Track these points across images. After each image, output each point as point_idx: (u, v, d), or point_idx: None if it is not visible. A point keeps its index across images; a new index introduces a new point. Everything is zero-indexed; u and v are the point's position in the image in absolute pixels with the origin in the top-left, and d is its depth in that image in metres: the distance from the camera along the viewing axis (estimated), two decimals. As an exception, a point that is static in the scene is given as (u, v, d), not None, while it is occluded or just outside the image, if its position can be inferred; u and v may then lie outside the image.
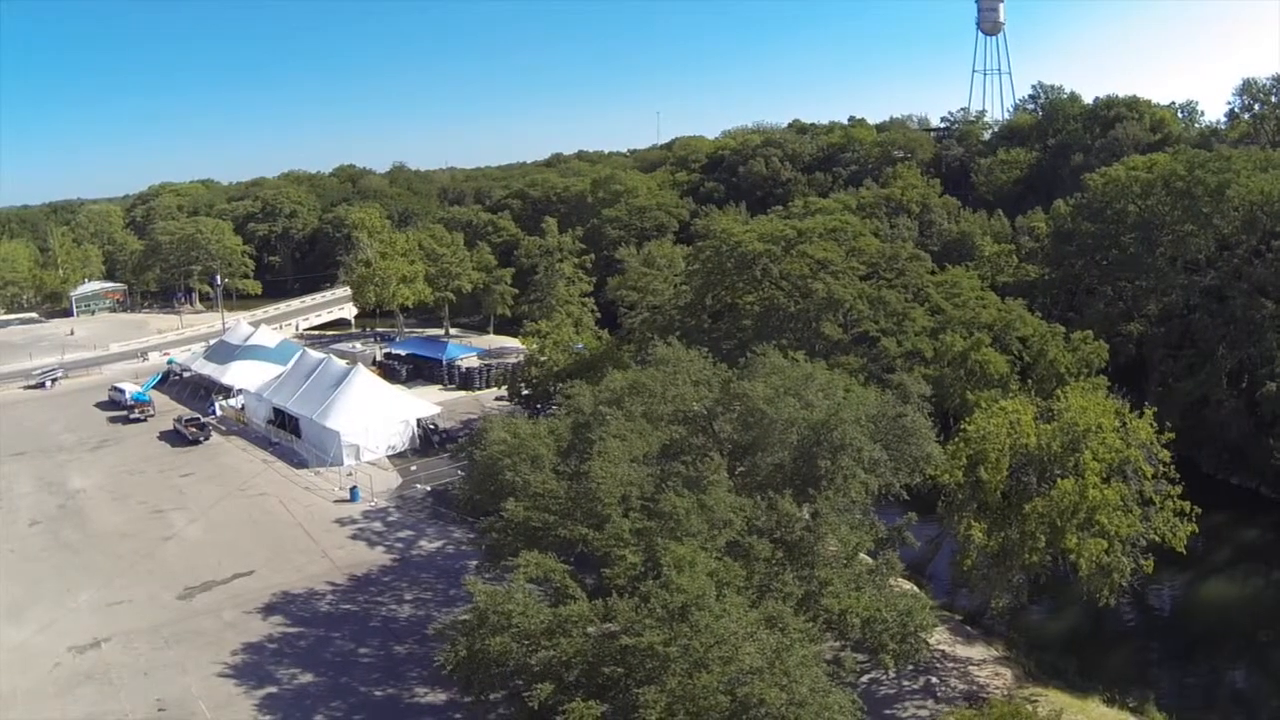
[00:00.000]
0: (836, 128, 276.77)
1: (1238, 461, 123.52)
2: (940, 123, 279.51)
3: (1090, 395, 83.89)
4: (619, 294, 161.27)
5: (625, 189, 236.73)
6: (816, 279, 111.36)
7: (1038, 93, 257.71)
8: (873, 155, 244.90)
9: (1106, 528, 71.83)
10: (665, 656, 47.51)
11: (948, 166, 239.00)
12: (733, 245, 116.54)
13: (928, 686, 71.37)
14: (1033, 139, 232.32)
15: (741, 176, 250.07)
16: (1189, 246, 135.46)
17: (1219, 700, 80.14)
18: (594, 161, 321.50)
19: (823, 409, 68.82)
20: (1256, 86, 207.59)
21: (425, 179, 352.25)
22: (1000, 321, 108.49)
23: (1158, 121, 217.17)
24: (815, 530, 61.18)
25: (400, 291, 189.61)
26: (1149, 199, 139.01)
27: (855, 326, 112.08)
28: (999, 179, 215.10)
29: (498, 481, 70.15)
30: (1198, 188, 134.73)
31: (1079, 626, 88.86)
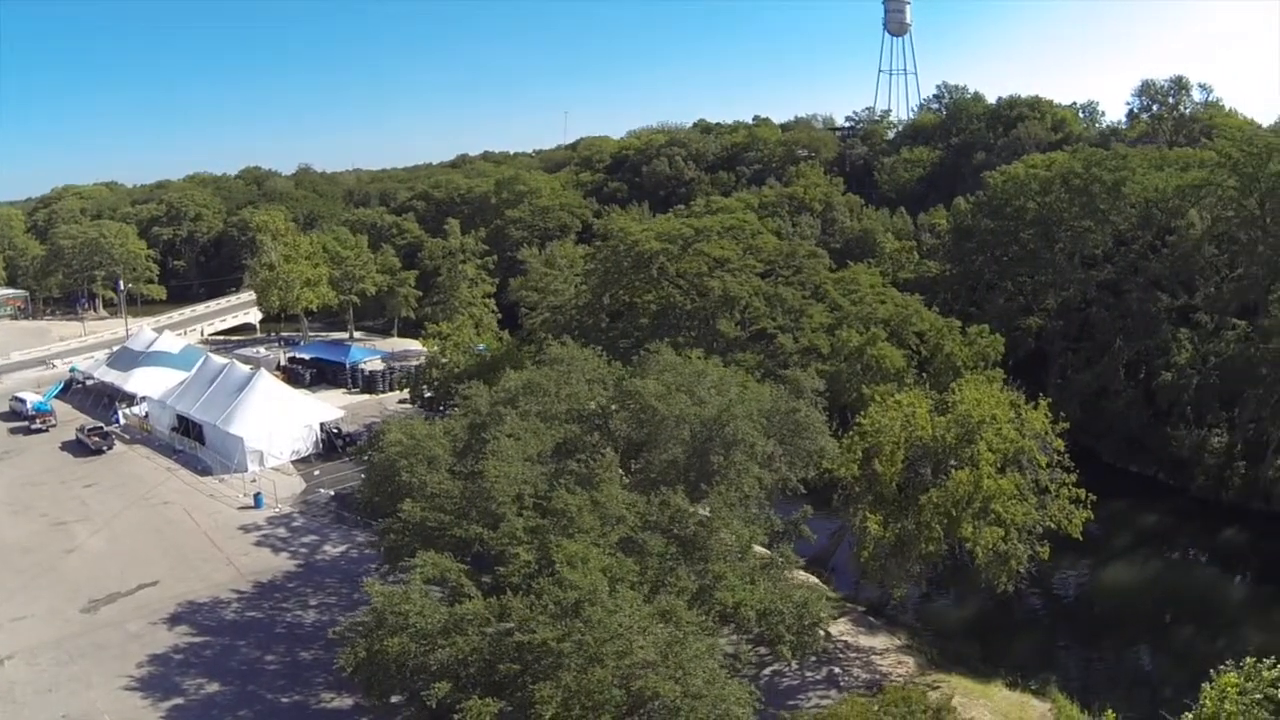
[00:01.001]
0: (741, 127, 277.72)
1: (1137, 450, 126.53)
2: (845, 122, 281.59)
3: (985, 388, 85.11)
4: (521, 295, 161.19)
5: (529, 189, 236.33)
6: (713, 277, 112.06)
7: (942, 93, 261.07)
8: (776, 154, 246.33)
9: (1002, 516, 73.33)
10: (559, 652, 47.93)
11: (852, 165, 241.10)
12: (629, 245, 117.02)
13: (831, 677, 72.18)
14: (936, 138, 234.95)
15: (645, 176, 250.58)
16: (1087, 242, 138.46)
17: (1121, 681, 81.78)
18: (499, 162, 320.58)
19: (715, 405, 69.52)
20: (1155, 88, 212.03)
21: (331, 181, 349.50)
22: (897, 317, 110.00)
23: (1059, 121, 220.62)
24: (709, 525, 61.68)
25: (304, 295, 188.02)
26: (1048, 196, 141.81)
27: (753, 324, 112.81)
28: (902, 177, 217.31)
29: (395, 483, 70.34)
30: (1095, 185, 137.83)
31: (983, 614, 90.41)
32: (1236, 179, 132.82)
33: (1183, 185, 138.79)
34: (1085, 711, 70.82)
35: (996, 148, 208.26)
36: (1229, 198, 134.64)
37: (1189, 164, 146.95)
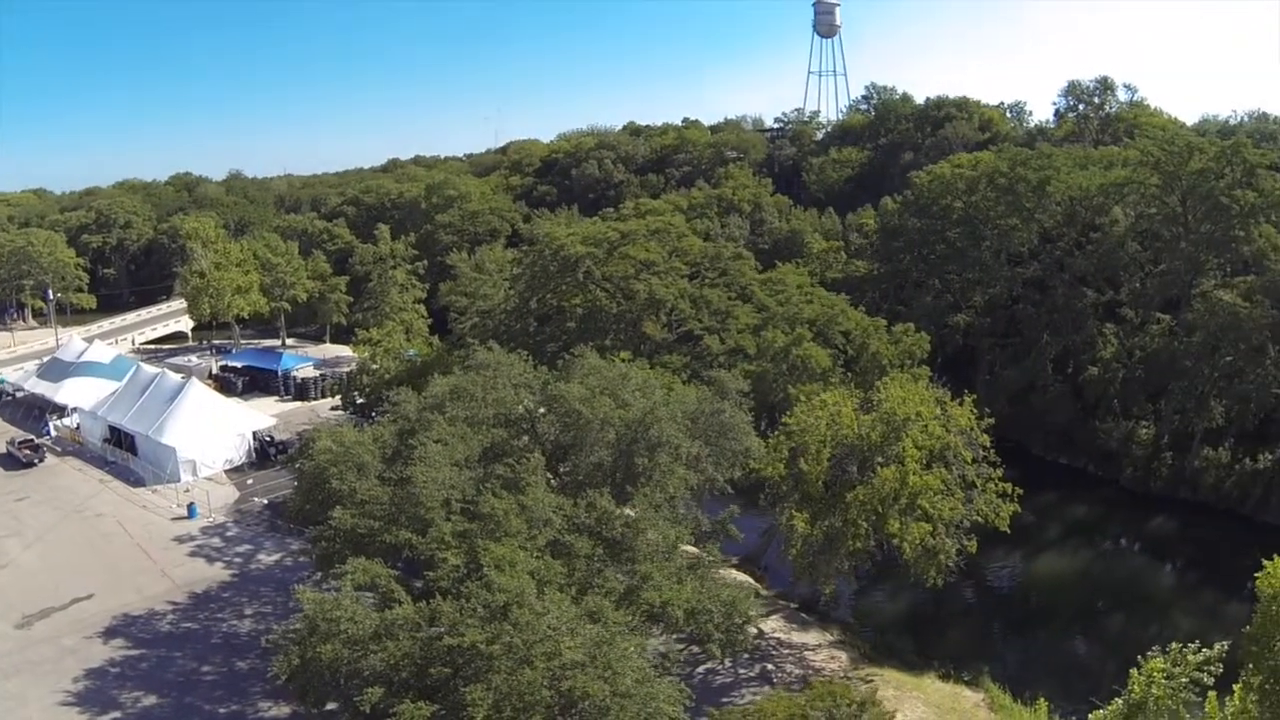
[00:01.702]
0: (671, 129, 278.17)
1: (1066, 443, 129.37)
2: (774, 123, 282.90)
3: (911, 385, 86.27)
4: (450, 300, 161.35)
5: (459, 194, 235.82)
6: (639, 280, 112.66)
7: (871, 93, 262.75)
8: (706, 156, 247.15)
9: (929, 512, 74.81)
10: (489, 654, 48.34)
11: (780, 166, 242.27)
12: (555, 249, 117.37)
13: (764, 673, 73.17)
14: (865, 139, 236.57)
15: (575, 179, 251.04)
16: (1013, 240, 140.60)
17: (1054, 669, 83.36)
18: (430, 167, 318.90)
19: (639, 407, 70.12)
20: (1081, 88, 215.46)
21: (262, 187, 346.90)
22: (823, 317, 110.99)
23: (986, 121, 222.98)
24: (635, 526, 62.25)
25: (235, 302, 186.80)
26: (974, 195, 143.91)
27: (680, 326, 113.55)
28: (830, 177, 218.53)
29: (325, 491, 70.38)
30: (1020, 184, 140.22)
31: (916, 608, 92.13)
32: (1159, 177, 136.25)
33: (1106, 183, 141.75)
34: (1018, 700, 72.16)
35: (924, 147, 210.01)
36: (1151, 195, 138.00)
37: (1113, 163, 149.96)
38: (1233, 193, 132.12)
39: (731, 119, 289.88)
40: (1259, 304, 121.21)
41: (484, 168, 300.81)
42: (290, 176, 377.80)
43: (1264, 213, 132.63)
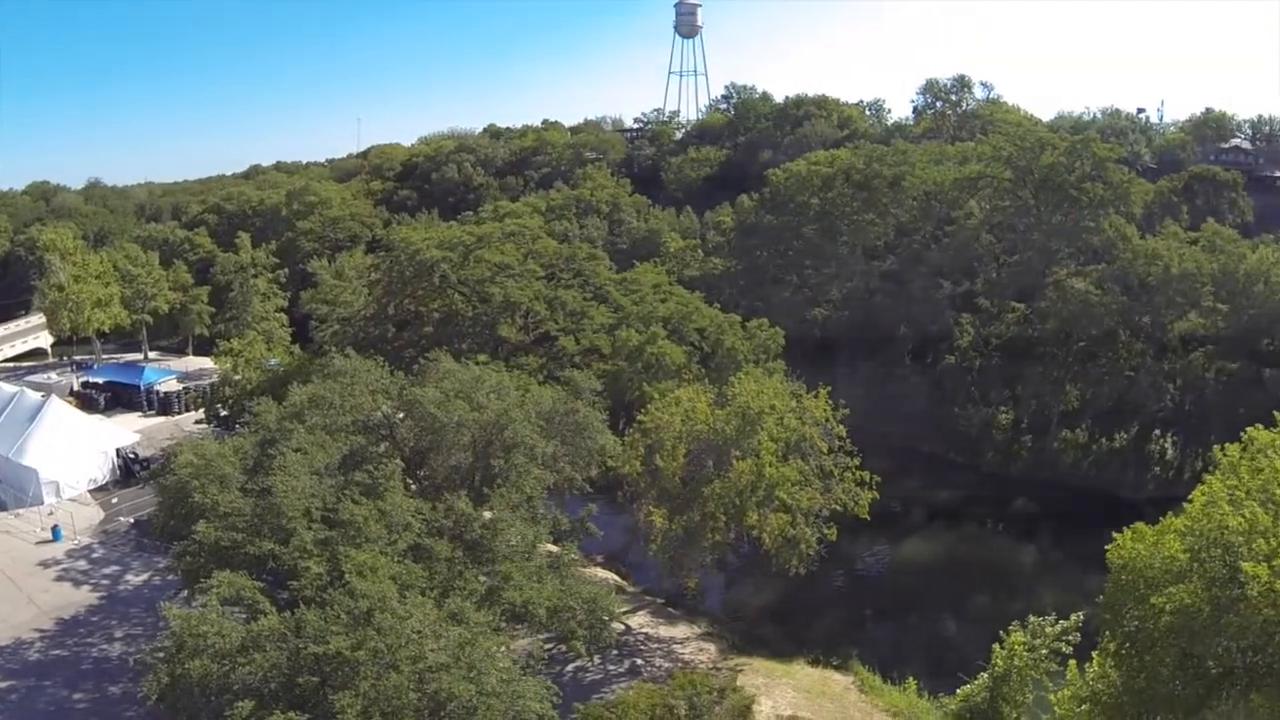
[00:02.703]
0: (530, 131, 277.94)
1: (927, 431, 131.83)
2: (634, 124, 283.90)
3: (765, 380, 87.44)
4: (311, 307, 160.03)
5: (319, 200, 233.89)
6: (495, 283, 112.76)
7: (731, 93, 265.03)
8: (565, 157, 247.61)
9: (787, 502, 75.74)
10: (355, 661, 48.42)
11: (640, 166, 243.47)
12: (411, 254, 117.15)
13: (633, 668, 73.58)
14: (724, 137, 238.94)
15: (435, 183, 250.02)
16: (869, 235, 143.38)
17: (924, 649, 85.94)
18: (292, 173, 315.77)
19: (494, 409, 70.46)
20: (938, 86, 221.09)
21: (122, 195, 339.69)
22: (678, 315, 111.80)
23: (845, 119, 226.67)
24: (494, 527, 62.74)
25: (95, 316, 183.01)
26: (830, 192, 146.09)
27: (537, 328, 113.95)
28: (689, 177, 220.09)
29: (188, 505, 69.48)
30: (876, 180, 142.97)
31: (786, 597, 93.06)
32: (1011, 171, 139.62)
33: (961, 178, 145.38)
34: (887, 680, 74.17)
35: (783, 145, 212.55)
36: (1005, 189, 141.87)
37: (967, 158, 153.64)
38: (1082, 185, 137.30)
39: (591, 120, 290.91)
40: (1109, 291, 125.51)
41: (345, 173, 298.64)
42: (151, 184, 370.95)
43: (1113, 204, 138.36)
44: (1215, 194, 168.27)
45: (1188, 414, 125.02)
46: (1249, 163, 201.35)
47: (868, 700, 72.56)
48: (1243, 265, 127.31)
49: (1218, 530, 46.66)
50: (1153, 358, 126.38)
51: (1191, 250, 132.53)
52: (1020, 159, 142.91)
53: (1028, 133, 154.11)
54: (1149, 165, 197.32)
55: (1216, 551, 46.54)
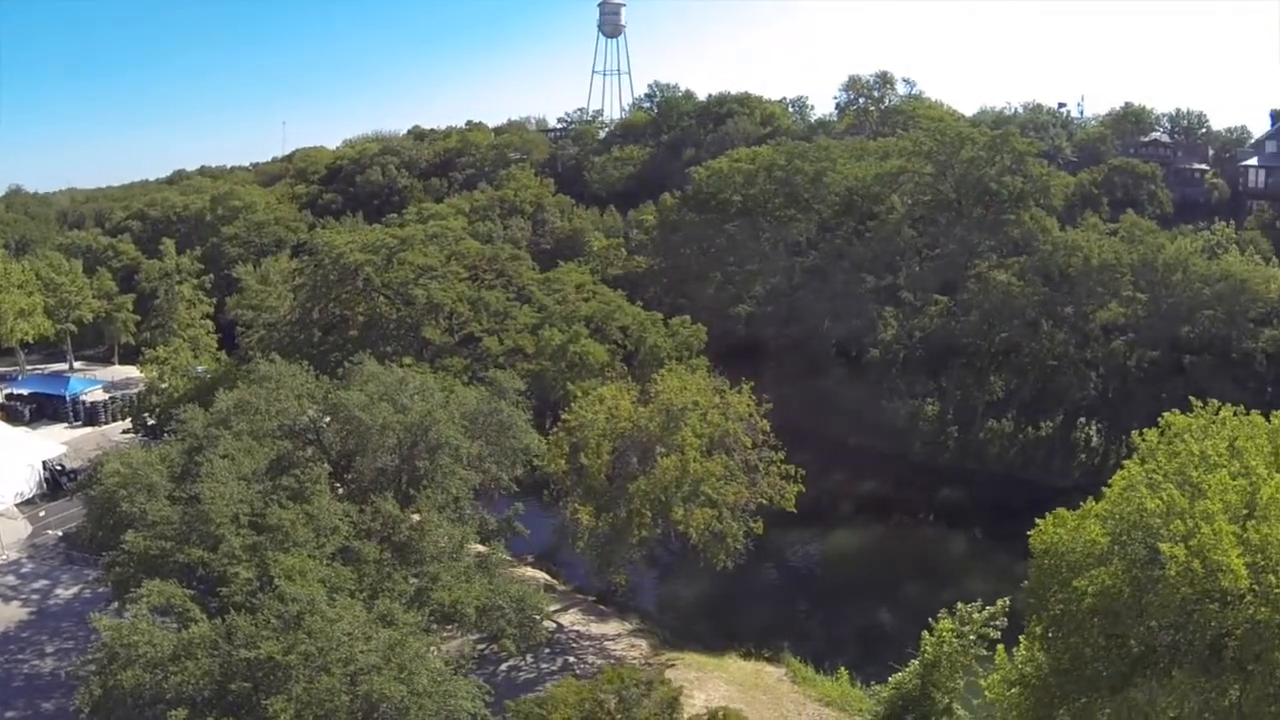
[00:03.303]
0: (454, 132, 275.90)
1: (855, 423, 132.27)
2: (558, 123, 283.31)
3: (688, 376, 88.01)
4: (237, 313, 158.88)
5: (244, 205, 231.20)
6: (418, 285, 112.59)
7: (654, 91, 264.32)
8: (489, 158, 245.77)
9: (713, 497, 76.31)
10: (286, 665, 48.54)
11: (564, 166, 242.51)
12: (335, 258, 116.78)
13: (566, 665, 74.31)
14: (647, 136, 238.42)
15: (359, 186, 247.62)
16: (791, 230, 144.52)
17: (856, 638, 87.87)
18: (216, 177, 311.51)
19: (418, 411, 70.45)
20: (861, 82, 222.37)
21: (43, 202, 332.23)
22: (600, 314, 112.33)
23: (768, 116, 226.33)
24: (421, 528, 62.96)
25: (18, 327, 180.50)
26: (752, 189, 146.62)
27: (461, 329, 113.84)
28: (612, 176, 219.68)
29: (116, 515, 69.17)
30: (798, 176, 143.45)
31: (719, 592, 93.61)
32: (932, 166, 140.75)
33: (882, 173, 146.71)
34: (820, 671, 75.33)
35: (706, 143, 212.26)
36: (926, 184, 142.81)
37: (889, 153, 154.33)
38: (1002, 179, 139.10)
39: (515, 120, 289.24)
40: (1031, 282, 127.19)
41: (270, 177, 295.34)
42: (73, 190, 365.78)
43: (1032, 197, 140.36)
44: (1135, 186, 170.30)
45: (1111, 401, 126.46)
46: (1167, 155, 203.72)
47: (800, 691, 73.53)
48: (1161, 255, 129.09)
49: (1137, 513, 47.90)
50: (1075, 347, 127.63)
51: (1111, 241, 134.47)
52: (941, 154, 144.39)
53: (948, 128, 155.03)
54: (1070, 159, 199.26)
55: (1137, 534, 47.85)
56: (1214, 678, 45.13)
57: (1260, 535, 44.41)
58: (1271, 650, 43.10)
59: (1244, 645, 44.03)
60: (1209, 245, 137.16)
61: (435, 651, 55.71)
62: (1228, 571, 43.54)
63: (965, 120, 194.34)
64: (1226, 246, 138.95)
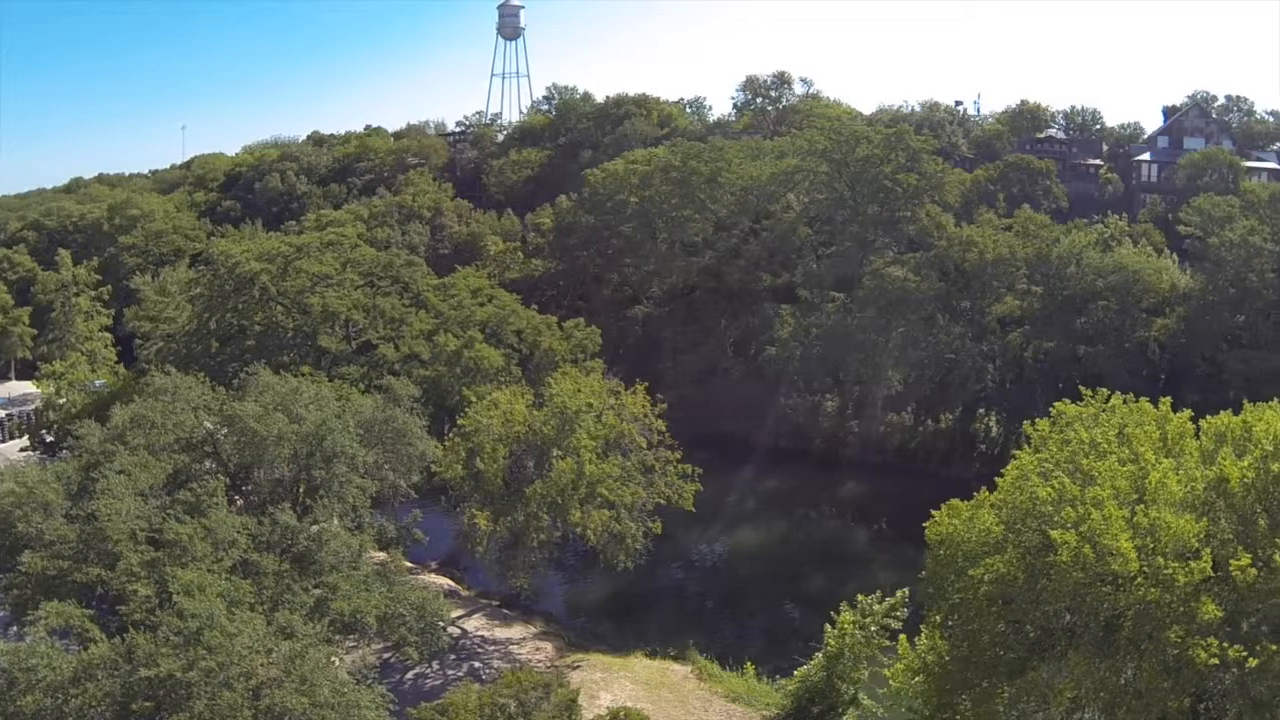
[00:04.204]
0: (353, 138, 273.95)
1: (755, 421, 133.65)
2: (456, 127, 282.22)
3: (582, 379, 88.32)
4: (136, 325, 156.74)
5: (142, 214, 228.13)
6: (314, 294, 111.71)
7: (552, 94, 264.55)
8: (388, 163, 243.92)
9: (610, 498, 76.84)
10: (187, 682, 47.91)
11: (462, 170, 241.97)
12: (230, 267, 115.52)
13: (472, 671, 73.71)
14: (545, 139, 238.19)
15: (258, 193, 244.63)
16: (687, 231, 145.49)
17: (762, 634, 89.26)
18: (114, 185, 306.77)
19: (313, 420, 69.92)
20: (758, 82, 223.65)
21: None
22: (496, 318, 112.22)
23: (666, 117, 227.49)
24: (319, 539, 62.58)
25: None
26: (648, 190, 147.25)
27: (358, 337, 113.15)
28: (510, 179, 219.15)
29: (12, 535, 68.03)
30: (694, 177, 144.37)
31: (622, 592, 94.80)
32: (827, 165, 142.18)
33: (778, 172, 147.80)
34: (726, 667, 75.50)
35: (604, 145, 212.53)
36: (821, 182, 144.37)
37: (784, 152, 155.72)
38: (897, 177, 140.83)
39: (415, 124, 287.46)
40: (926, 277, 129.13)
41: (169, 184, 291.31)
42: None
43: (927, 194, 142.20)
44: (1030, 182, 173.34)
45: (1009, 392, 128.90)
46: (1063, 151, 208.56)
47: (707, 688, 73.65)
48: (1056, 249, 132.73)
49: (1029, 502, 49.38)
50: (972, 340, 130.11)
51: (1006, 236, 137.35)
52: (836, 152, 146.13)
53: (844, 127, 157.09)
54: (966, 156, 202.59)
55: (1030, 522, 49.38)
56: (1109, 657, 46.47)
57: (1149, 519, 45.66)
58: (1162, 629, 44.29)
59: (1136, 625, 45.33)
60: (1103, 238, 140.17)
61: (337, 662, 55.50)
62: (1118, 555, 44.88)
63: (862, 119, 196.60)
64: (1120, 239, 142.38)
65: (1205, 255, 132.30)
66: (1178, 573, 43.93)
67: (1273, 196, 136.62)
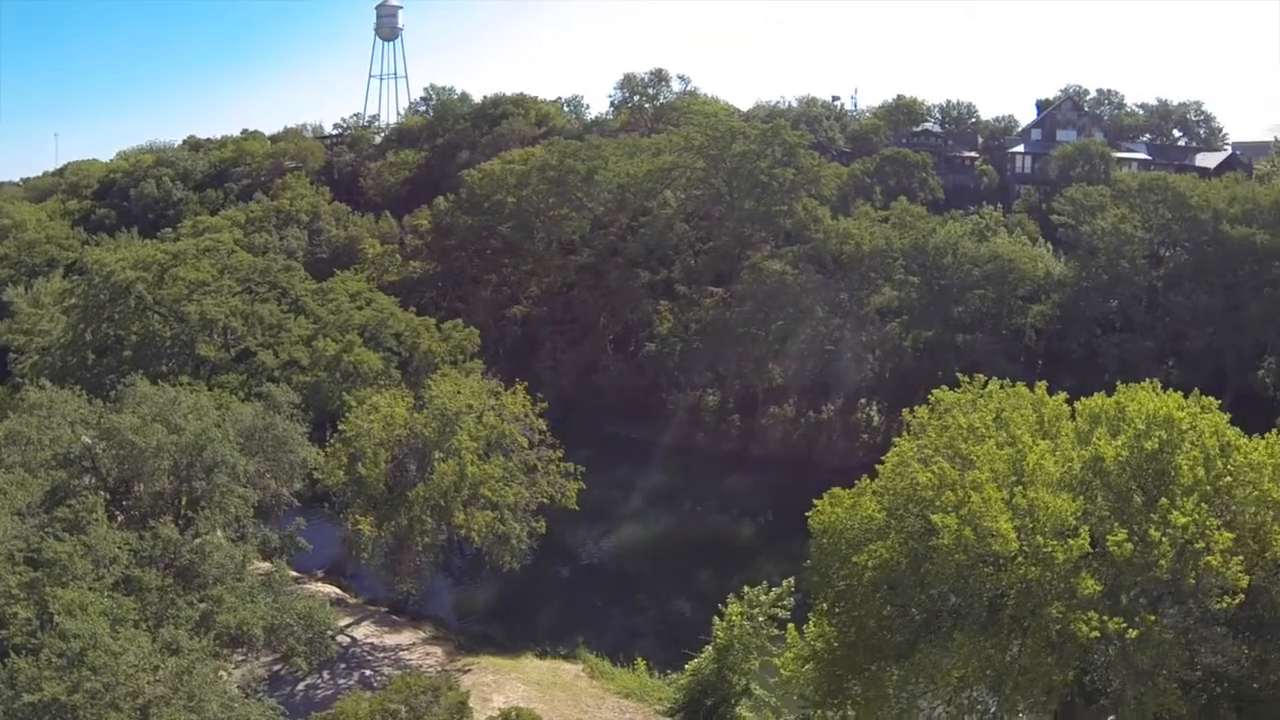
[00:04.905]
0: (230, 142, 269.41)
1: (637, 417, 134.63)
2: (334, 130, 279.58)
3: (462, 380, 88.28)
4: (9, 339, 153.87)
5: (14, 223, 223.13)
6: (191, 301, 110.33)
7: (430, 94, 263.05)
8: (265, 167, 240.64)
9: (493, 499, 76.93)
10: (73, 705, 47.00)
11: (340, 173, 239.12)
12: (105, 276, 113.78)
13: (363, 679, 73.23)
14: (423, 140, 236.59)
15: (134, 200, 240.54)
16: (565, 229, 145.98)
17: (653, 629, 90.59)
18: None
19: (192, 431, 68.97)
20: (636, 80, 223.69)
21: None
22: (374, 321, 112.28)
23: (543, 116, 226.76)
24: (202, 551, 61.64)
25: None
26: (525, 189, 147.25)
27: (238, 344, 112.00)
28: (388, 181, 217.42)
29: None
30: (570, 175, 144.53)
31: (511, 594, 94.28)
32: (704, 161, 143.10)
33: (654, 169, 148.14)
34: (617, 664, 76.13)
35: (481, 146, 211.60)
36: (698, 178, 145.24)
37: (661, 149, 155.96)
38: (773, 171, 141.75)
39: (292, 127, 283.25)
40: (804, 270, 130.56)
41: (41, 193, 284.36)
42: None
43: (804, 188, 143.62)
44: (906, 174, 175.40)
45: (889, 382, 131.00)
46: (938, 145, 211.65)
47: (599, 686, 74.34)
48: (932, 240, 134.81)
49: (910, 488, 50.49)
50: (851, 331, 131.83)
51: (883, 228, 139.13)
52: (713, 148, 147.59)
53: (720, 123, 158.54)
54: (843, 150, 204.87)
55: (912, 508, 50.38)
56: (993, 636, 47.63)
57: (1027, 500, 46.85)
58: (1044, 606, 45.55)
59: (1019, 603, 46.67)
60: (978, 229, 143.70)
61: (226, 676, 54.97)
62: (998, 536, 46.01)
63: (739, 116, 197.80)
64: (995, 229, 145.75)
65: (1078, 243, 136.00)
66: (1057, 550, 45.32)
67: (1143, 185, 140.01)
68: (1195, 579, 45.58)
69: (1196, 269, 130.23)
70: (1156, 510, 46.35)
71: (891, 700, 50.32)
